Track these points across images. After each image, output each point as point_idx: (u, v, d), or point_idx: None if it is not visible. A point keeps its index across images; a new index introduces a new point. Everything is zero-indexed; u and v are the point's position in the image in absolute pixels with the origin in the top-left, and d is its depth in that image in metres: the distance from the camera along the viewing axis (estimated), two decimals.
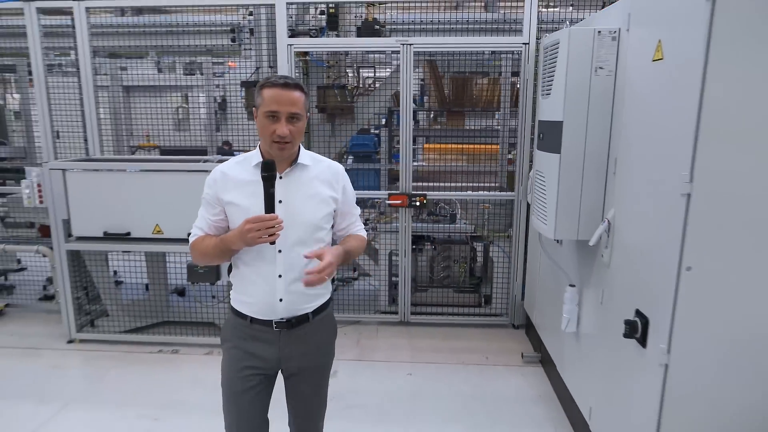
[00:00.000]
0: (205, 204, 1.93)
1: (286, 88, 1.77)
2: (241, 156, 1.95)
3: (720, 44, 1.71)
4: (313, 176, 1.92)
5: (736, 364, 1.92)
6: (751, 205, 1.80)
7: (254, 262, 1.89)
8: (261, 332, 1.92)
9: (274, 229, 1.72)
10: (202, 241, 1.92)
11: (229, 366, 1.97)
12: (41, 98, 4.43)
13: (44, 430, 3.08)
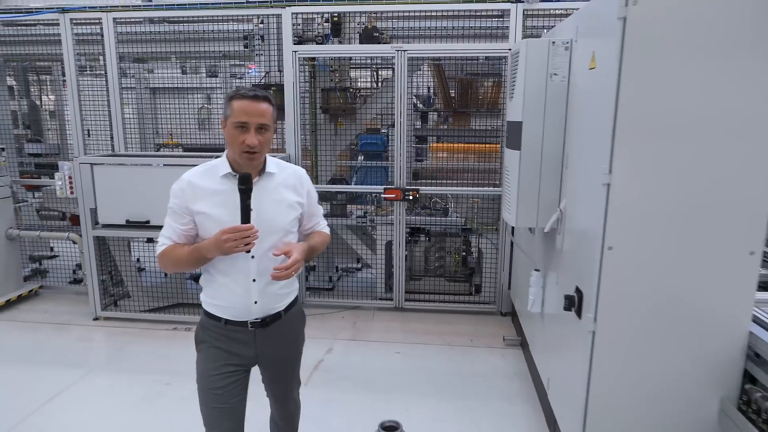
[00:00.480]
0: (173, 214, 1.95)
1: (255, 100, 1.85)
2: (207, 165, 1.98)
3: (630, 55, 2.02)
4: (280, 183, 2.00)
5: (652, 329, 2.22)
6: (660, 192, 2.10)
7: (228, 268, 1.95)
8: (236, 332, 2.00)
9: (249, 239, 1.80)
10: (173, 250, 1.94)
11: (206, 365, 2.02)
12: (73, 99, 4.91)
13: (71, 390, 3.52)
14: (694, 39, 1.98)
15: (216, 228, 1.84)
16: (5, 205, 5.06)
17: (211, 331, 2.02)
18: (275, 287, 2.00)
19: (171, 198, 1.95)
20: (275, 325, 2.05)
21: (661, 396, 2.29)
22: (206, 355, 2.03)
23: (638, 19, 1.99)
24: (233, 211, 1.85)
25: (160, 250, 1.97)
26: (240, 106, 1.83)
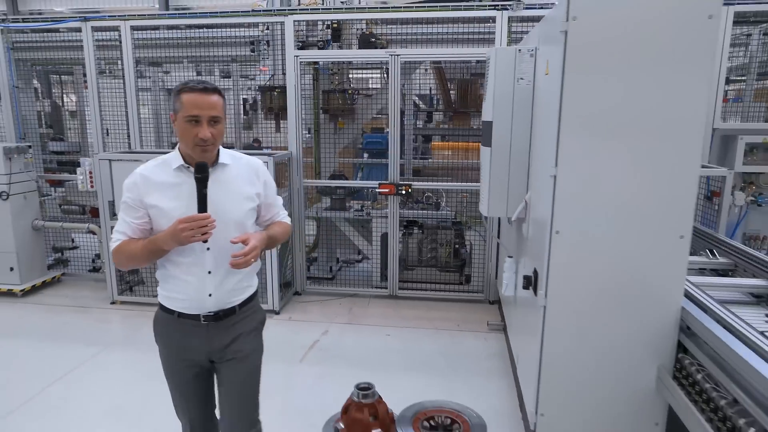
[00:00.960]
0: (127, 208, 1.93)
1: (206, 92, 1.83)
2: (159, 159, 1.98)
3: (571, 64, 2.32)
4: (235, 174, 1.99)
5: (596, 304, 2.51)
6: (599, 183, 2.40)
7: (184, 260, 1.93)
8: (188, 326, 1.98)
9: (206, 228, 1.79)
10: (128, 245, 1.91)
11: (166, 359, 2.06)
12: (93, 100, 5.31)
13: (90, 364, 3.90)
14: (624, 51, 2.28)
15: (170, 221, 1.83)
16: (31, 199, 5.47)
17: (165, 325, 2.03)
18: (232, 281, 1.99)
19: (124, 193, 1.93)
20: (229, 319, 2.01)
21: (605, 364, 2.58)
22: (163, 350, 2.06)
23: (577, 32, 2.30)
24: (187, 203, 1.86)
25: (113, 246, 1.94)
26: (190, 100, 1.81)
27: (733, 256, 3.34)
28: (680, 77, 2.27)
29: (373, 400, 2.55)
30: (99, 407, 3.31)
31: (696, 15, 2.21)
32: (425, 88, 7.80)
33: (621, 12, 2.27)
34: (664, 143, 2.33)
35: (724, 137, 4.64)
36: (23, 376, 3.73)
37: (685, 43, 2.24)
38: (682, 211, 2.39)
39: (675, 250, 2.43)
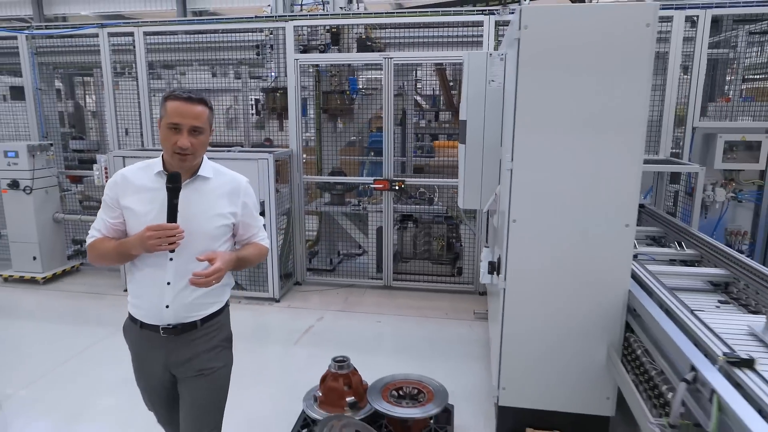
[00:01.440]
0: (105, 206, 1.93)
1: (190, 102, 1.83)
2: (145, 162, 1.98)
3: (523, 68, 2.57)
4: (213, 188, 1.96)
5: (550, 286, 2.75)
6: (550, 175, 2.64)
7: (147, 267, 1.91)
8: (149, 337, 1.95)
9: (174, 238, 1.78)
10: (101, 243, 1.92)
11: (134, 366, 2.07)
12: (109, 102, 5.69)
13: (103, 343, 4.26)
14: (571, 56, 2.52)
15: (140, 224, 1.83)
16: (52, 193, 5.88)
17: (129, 333, 2.02)
18: (192, 295, 1.92)
19: (105, 191, 1.96)
20: (189, 334, 1.96)
21: (560, 343, 2.82)
22: (132, 355, 2.05)
23: (528, 39, 2.55)
24: (159, 209, 1.85)
25: (89, 241, 1.96)
26: (174, 108, 1.83)
27: (700, 248, 3.54)
28: (622, 80, 2.50)
29: (348, 371, 2.84)
30: (110, 379, 3.66)
31: (635, 24, 2.45)
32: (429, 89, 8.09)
33: (568, 21, 2.52)
34: (608, 140, 2.57)
35: (706, 135, 4.81)
36: (44, 352, 4.10)
37: (625, 49, 2.48)
38: (627, 202, 2.63)
39: (621, 237, 2.66)
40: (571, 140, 2.60)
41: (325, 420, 2.30)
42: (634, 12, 2.46)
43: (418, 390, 2.84)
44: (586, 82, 2.54)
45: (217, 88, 8.87)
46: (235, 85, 8.95)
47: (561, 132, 2.60)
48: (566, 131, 2.60)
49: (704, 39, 4.50)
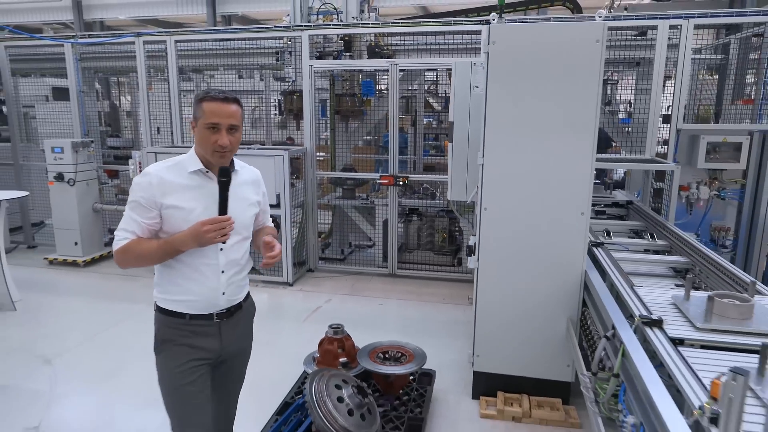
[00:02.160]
0: (138, 207, 1.90)
1: (226, 102, 1.90)
2: (172, 161, 1.99)
3: (491, 77, 2.99)
4: (242, 181, 2.08)
5: (516, 267, 3.17)
6: (514, 170, 3.07)
7: (200, 261, 1.95)
8: (201, 326, 2.00)
9: (226, 229, 1.87)
10: (138, 245, 1.89)
11: (171, 363, 1.99)
12: (143, 102, 6.28)
13: (135, 316, 4.83)
14: (532, 68, 2.95)
15: (186, 222, 1.88)
16: (92, 185, 6.50)
17: (175, 329, 1.99)
18: (238, 278, 2.07)
19: (136, 192, 1.91)
20: (237, 315, 2.10)
21: (525, 316, 3.24)
22: (170, 354, 2.00)
23: (496, 53, 2.98)
24: (205, 206, 1.92)
25: (120, 244, 1.91)
26: (210, 108, 1.89)
27: (671, 239, 3.90)
28: (575, 88, 2.92)
29: (342, 336, 3.30)
30: (140, 346, 4.19)
31: (586, 39, 2.86)
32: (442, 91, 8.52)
33: (530, 37, 2.95)
34: (565, 140, 2.98)
35: (691, 137, 5.13)
36: (85, 323, 4.69)
37: (578, 61, 2.89)
38: (581, 193, 3.03)
39: (577, 224, 3.07)
40: (534, 140, 3.02)
41: (316, 371, 2.76)
42: (586, 29, 2.87)
43: (401, 353, 3.28)
44: (546, 90, 2.95)
45: (242, 89, 9.45)
46: (260, 87, 9.51)
47: (525, 133, 3.02)
48: (529, 132, 3.02)
49: (687, 47, 4.82)
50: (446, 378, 3.66)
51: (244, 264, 2.10)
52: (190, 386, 2.00)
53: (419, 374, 3.47)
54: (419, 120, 7.45)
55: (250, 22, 17.43)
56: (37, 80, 7.62)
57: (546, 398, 3.31)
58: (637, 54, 5.36)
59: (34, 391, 3.52)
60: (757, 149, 5.00)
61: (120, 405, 3.38)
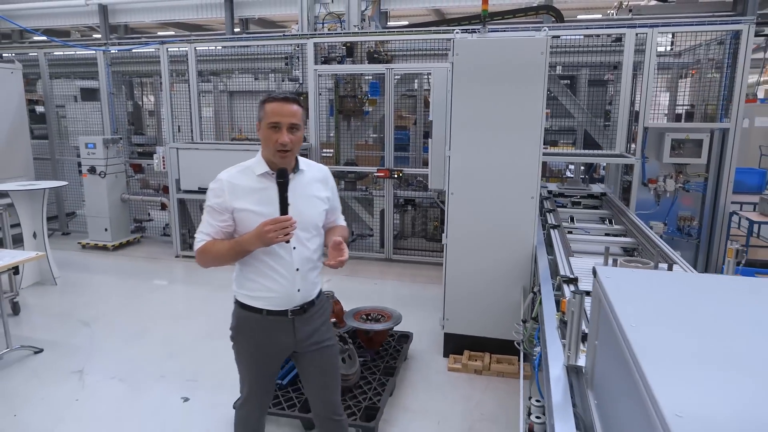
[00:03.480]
0: (213, 212, 2.05)
1: (286, 102, 2.00)
2: (241, 165, 2.11)
3: (455, 83, 3.58)
4: (310, 179, 2.14)
5: (478, 243, 3.76)
6: (475, 160, 3.65)
7: (273, 260, 2.05)
8: (276, 322, 2.11)
9: (288, 229, 1.92)
10: (213, 246, 2.04)
11: (248, 355, 2.19)
12: (167, 102, 6.97)
13: (159, 291, 5.52)
14: (489, 75, 3.53)
15: (256, 223, 1.96)
16: (120, 178, 7.22)
17: (250, 324, 2.13)
18: (312, 275, 2.16)
19: (210, 197, 2.06)
20: (311, 311, 2.17)
21: (486, 284, 3.82)
22: (245, 345, 2.17)
23: (459, 63, 3.57)
24: (274, 207, 2.00)
25: (199, 246, 2.07)
26: (272, 108, 1.99)
27: (626, 224, 4.44)
28: (524, 92, 3.50)
29: (332, 301, 3.92)
30: (164, 314, 4.89)
31: (532, 51, 3.43)
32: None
33: (486, 49, 3.53)
34: (516, 136, 3.56)
35: (659, 134, 5.64)
36: (116, 296, 5.40)
37: (526, 70, 3.47)
38: (531, 181, 3.61)
39: (528, 206, 3.65)
40: (490, 135, 3.60)
41: None
42: (533, 43, 3.44)
43: (381, 315, 3.89)
44: (501, 93, 3.53)
45: (257, 89, 10.05)
46: (274, 88, 10.13)
47: (483, 129, 3.61)
48: (487, 129, 3.60)
49: (652, 52, 5.34)
50: (424, 341, 4.26)
51: (316, 260, 2.18)
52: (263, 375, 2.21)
53: (399, 336, 4.08)
54: (419, 118, 8.02)
55: (267, 23, 18.13)
56: (67, 82, 8.37)
57: (505, 356, 3.88)
58: (614, 58, 5.89)
59: (77, 346, 4.21)
60: (717, 146, 5.50)
61: (146, 356, 4.05)
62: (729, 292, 1.54)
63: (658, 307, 1.41)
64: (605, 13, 13.79)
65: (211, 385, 3.60)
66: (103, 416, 3.28)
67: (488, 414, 3.32)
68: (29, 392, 3.53)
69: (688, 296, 1.51)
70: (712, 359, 1.08)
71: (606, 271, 1.73)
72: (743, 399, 0.94)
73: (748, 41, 5.03)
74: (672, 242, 5.64)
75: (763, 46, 15.76)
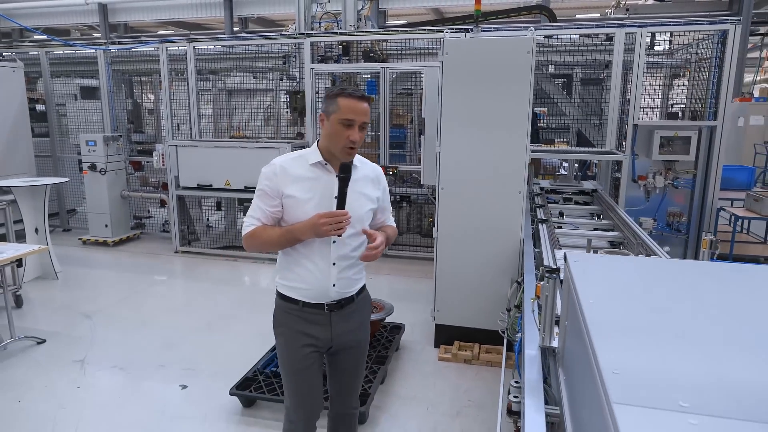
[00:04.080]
0: (263, 196, 2.04)
1: (362, 100, 1.97)
2: (296, 153, 2.10)
3: (445, 81, 3.70)
4: (362, 176, 2.10)
5: (467, 236, 3.88)
6: (464, 156, 3.77)
7: (310, 252, 2.05)
8: (313, 314, 2.10)
9: (343, 224, 1.92)
10: (264, 231, 2.03)
11: (287, 347, 2.15)
12: (166, 102, 7.09)
13: (158, 285, 5.63)
14: (477, 74, 3.64)
15: (301, 212, 1.98)
16: (120, 175, 7.33)
17: (289, 315, 2.12)
18: (350, 272, 2.13)
19: (262, 180, 2.05)
20: (349, 308, 2.15)
21: (476, 276, 3.94)
22: (286, 339, 2.15)
23: (448, 62, 3.69)
24: (320, 197, 2.00)
25: (248, 230, 2.05)
26: (348, 105, 1.95)
27: (614, 219, 4.56)
28: (511, 91, 3.61)
29: None
30: (163, 307, 5.00)
31: (519, 51, 3.55)
32: None
33: (475, 49, 3.65)
34: (504, 133, 3.68)
35: (649, 132, 5.75)
36: (116, 289, 5.52)
37: (513, 70, 3.58)
38: (518, 176, 3.73)
39: (515, 201, 3.77)
40: (479, 132, 3.72)
41: None
42: (519, 43, 3.56)
43: (374, 306, 4.01)
44: (489, 91, 3.65)
45: (256, 88, 10.14)
46: (272, 86, 10.22)
47: (472, 126, 3.73)
48: (476, 126, 3.72)
49: (641, 52, 5.45)
50: (416, 332, 4.38)
51: (356, 258, 2.13)
52: (305, 371, 2.13)
53: (391, 327, 4.20)
54: (415, 116, 8.13)
55: (266, 22, 18.27)
56: (67, 80, 8.47)
57: (494, 346, 4.00)
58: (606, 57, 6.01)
59: (78, 337, 4.33)
60: (705, 143, 5.61)
61: (146, 346, 4.16)
62: (685, 274, 1.66)
63: (617, 287, 1.53)
64: (603, 12, 13.94)
65: (209, 373, 3.71)
66: (104, 403, 3.40)
67: (476, 400, 3.44)
68: (32, 380, 3.65)
69: (647, 278, 1.63)
70: (654, 330, 1.20)
71: (575, 257, 1.84)
72: (673, 360, 1.06)
73: (735, 41, 5.14)
74: (662, 238, 5.76)
75: (759, 46, 15.87)
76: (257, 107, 7.89)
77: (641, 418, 0.88)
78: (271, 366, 3.52)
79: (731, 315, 1.29)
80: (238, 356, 3.80)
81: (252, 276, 6.04)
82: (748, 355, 1.08)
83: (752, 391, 0.94)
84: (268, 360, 3.59)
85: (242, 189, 6.18)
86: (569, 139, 6.92)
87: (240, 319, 4.71)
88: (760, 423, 0.84)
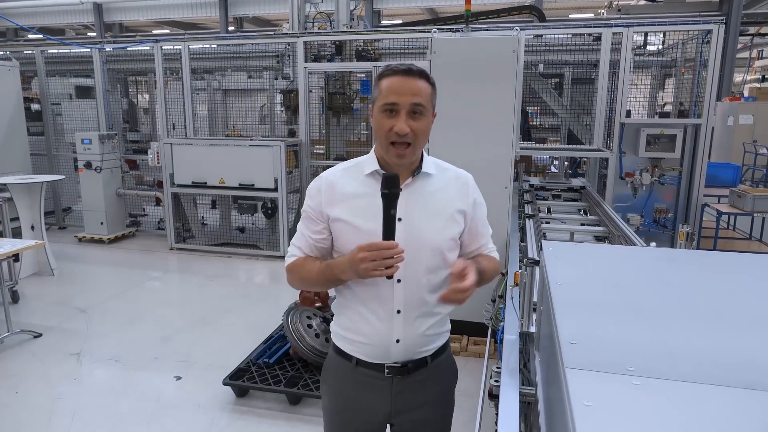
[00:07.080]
0: (306, 219, 1.57)
1: (409, 75, 1.49)
2: (352, 161, 1.61)
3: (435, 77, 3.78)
4: (439, 188, 1.61)
5: None
6: (455, 153, 3.84)
7: (367, 294, 1.53)
8: (369, 378, 1.59)
9: (392, 260, 1.35)
10: (303, 265, 1.57)
11: (334, 413, 1.70)
12: (161, 101, 7.16)
13: (153, 281, 5.71)
14: (465, 72, 3.73)
15: (355, 240, 1.42)
16: (116, 173, 7.39)
17: (339, 371, 1.64)
18: (424, 325, 1.57)
19: (306, 200, 1.59)
20: (419, 374, 1.61)
21: None
22: (330, 401, 1.70)
23: (437, 60, 3.78)
24: (377, 219, 1.40)
25: (288, 262, 1.61)
26: (389, 85, 1.48)
27: (600, 215, 4.67)
28: (497, 88, 3.71)
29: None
30: (158, 302, 5.09)
31: (505, 50, 3.65)
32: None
33: (462, 48, 3.74)
34: (491, 129, 3.78)
35: (636, 129, 5.87)
36: (111, 285, 5.60)
37: (499, 67, 3.68)
38: (504, 172, 3.83)
39: (502, 196, 3.87)
40: (467, 129, 3.82)
41: (293, 306, 3.59)
42: (505, 42, 3.66)
43: None
44: (475, 90, 3.75)
45: (251, 87, 10.20)
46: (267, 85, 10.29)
47: (460, 124, 3.82)
48: (463, 123, 3.82)
49: (627, 51, 5.56)
50: None
51: (435, 305, 1.56)
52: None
53: None
54: None
55: (261, 22, 18.37)
56: (62, 80, 8.52)
57: (482, 338, 4.09)
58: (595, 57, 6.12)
59: (74, 331, 4.40)
60: (690, 140, 5.73)
61: (141, 339, 4.25)
62: (652, 260, 1.76)
63: (585, 271, 1.63)
64: (597, 13, 14.11)
65: (203, 365, 3.80)
66: (100, 393, 3.48)
67: (463, 389, 3.48)
68: (29, 372, 3.73)
69: (616, 264, 1.73)
70: (614, 306, 1.30)
71: (551, 245, 1.94)
72: (627, 332, 1.16)
73: (718, 40, 5.25)
74: (648, 234, 5.87)
75: (749, 46, 16.06)
76: (252, 106, 7.98)
77: (590, 380, 0.98)
78: (263, 357, 3.61)
79: (687, 292, 1.39)
80: (232, 348, 3.88)
81: (246, 272, 6.11)
82: (695, 325, 1.18)
83: (690, 355, 1.04)
84: (261, 351, 3.67)
85: (236, 186, 6.26)
86: (560, 137, 7.04)
87: (234, 312, 4.80)
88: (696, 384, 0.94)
